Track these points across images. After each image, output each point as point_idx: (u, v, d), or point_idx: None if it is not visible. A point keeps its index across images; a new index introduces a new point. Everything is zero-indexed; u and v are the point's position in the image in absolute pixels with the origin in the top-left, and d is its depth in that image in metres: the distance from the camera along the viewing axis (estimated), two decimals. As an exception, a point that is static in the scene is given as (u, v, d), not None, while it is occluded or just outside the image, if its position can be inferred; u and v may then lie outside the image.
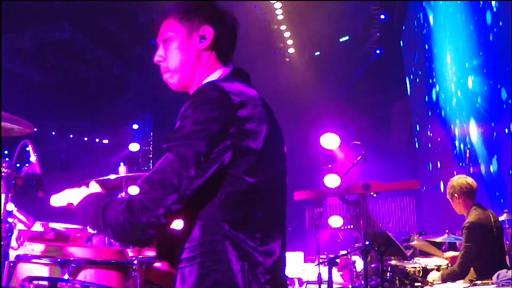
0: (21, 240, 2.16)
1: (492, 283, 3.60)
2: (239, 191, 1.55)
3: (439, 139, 9.63)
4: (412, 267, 4.60)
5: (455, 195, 4.36)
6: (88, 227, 1.66)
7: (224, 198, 1.54)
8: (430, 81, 9.93)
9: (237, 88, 1.60)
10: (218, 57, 1.77)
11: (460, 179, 4.39)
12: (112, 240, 1.62)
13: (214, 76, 1.75)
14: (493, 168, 6.43)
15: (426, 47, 9.92)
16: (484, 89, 6.55)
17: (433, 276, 4.34)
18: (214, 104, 1.52)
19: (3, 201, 1.99)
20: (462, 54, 7.53)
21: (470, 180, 4.39)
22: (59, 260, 1.91)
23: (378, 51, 12.23)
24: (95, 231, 1.66)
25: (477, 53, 6.75)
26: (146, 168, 12.08)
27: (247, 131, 1.54)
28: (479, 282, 3.75)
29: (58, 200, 1.72)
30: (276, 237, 1.63)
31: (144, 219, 1.48)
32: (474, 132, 7.14)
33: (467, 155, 5.81)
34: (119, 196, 3.25)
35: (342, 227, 4.79)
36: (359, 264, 5.27)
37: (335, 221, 5.34)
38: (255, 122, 1.57)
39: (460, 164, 7.85)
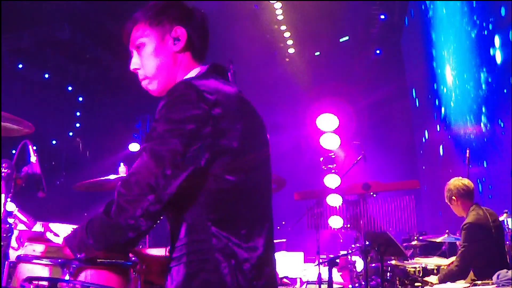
0: (22, 240, 2.16)
1: (492, 283, 3.61)
2: (221, 189, 1.55)
3: (439, 139, 9.63)
4: (412, 267, 4.60)
5: (453, 197, 4.36)
6: (77, 254, 1.64)
7: (207, 198, 1.53)
8: (430, 80, 9.93)
9: (212, 85, 1.59)
10: (193, 56, 1.76)
11: (456, 181, 4.39)
12: (96, 251, 1.61)
13: (191, 75, 1.73)
14: (493, 168, 6.43)
15: (426, 46, 9.92)
16: (484, 88, 6.55)
17: (431, 279, 4.34)
18: (189, 103, 1.51)
19: (3, 201, 1.99)
20: (462, 54, 7.53)
21: (466, 181, 4.39)
22: (59, 260, 1.91)
23: (378, 51, 12.23)
24: (82, 255, 1.64)
25: (477, 52, 6.75)
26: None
27: (223, 130, 1.53)
28: (479, 282, 3.75)
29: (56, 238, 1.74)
30: (260, 232, 1.63)
31: (122, 221, 1.47)
32: (474, 132, 7.14)
33: (467, 155, 5.81)
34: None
35: (342, 228, 4.79)
36: (359, 264, 5.26)
37: (335, 221, 5.34)
38: (230, 120, 1.56)
39: (463, 162, 7.86)
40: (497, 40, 5.94)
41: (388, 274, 4.62)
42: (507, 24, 5.51)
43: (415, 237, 5.45)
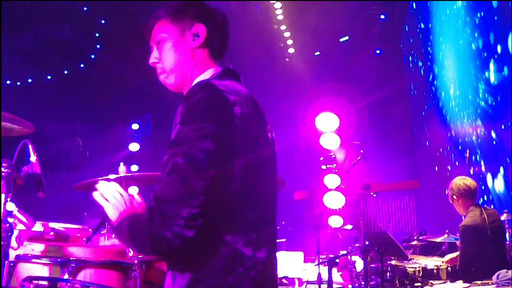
0: (21, 240, 2.16)
1: (492, 283, 3.61)
2: (230, 192, 1.53)
3: (439, 139, 9.63)
4: (412, 267, 4.60)
5: (454, 196, 4.37)
6: (129, 248, 1.64)
7: (214, 200, 1.49)
8: (430, 80, 9.93)
9: (230, 86, 1.60)
10: (211, 55, 1.78)
11: (458, 181, 4.40)
12: (138, 252, 1.59)
13: (206, 75, 1.74)
14: (493, 168, 6.43)
15: (426, 46, 9.92)
16: (483, 88, 6.55)
17: (449, 256, 4.38)
18: (212, 103, 1.51)
19: (3, 201, 1.99)
20: (462, 53, 7.53)
21: (468, 181, 4.40)
22: (59, 260, 1.91)
23: (378, 51, 12.23)
24: (132, 249, 1.63)
25: (477, 51, 6.74)
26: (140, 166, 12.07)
27: (242, 130, 1.53)
28: (479, 282, 3.75)
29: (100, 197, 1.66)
30: (266, 236, 1.62)
31: (167, 231, 1.43)
32: (474, 132, 7.13)
33: (467, 155, 5.81)
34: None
35: (342, 227, 4.79)
36: (359, 264, 5.26)
37: (335, 221, 5.34)
38: (247, 121, 1.56)
39: (458, 163, 7.85)
40: (497, 40, 5.94)
41: (388, 274, 4.62)
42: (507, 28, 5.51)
43: (415, 237, 5.45)
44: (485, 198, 6.65)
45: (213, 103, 1.52)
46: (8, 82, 10.24)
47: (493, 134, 6.27)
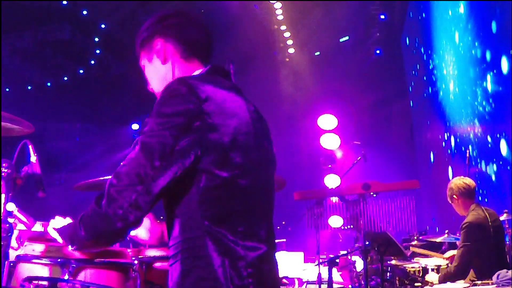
0: (21, 240, 2.16)
1: (492, 283, 3.61)
2: (214, 185, 1.56)
3: (439, 138, 9.63)
4: (412, 267, 4.60)
5: (454, 196, 4.38)
6: (70, 246, 1.68)
7: (200, 194, 1.55)
8: (430, 80, 9.92)
9: (206, 82, 1.62)
10: (186, 56, 1.81)
11: (458, 181, 4.41)
12: (86, 242, 1.63)
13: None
14: (493, 167, 6.43)
15: (426, 46, 9.92)
16: (483, 88, 6.55)
17: (431, 277, 4.34)
18: (180, 98, 1.55)
19: (3, 201, 1.99)
20: (462, 53, 7.53)
21: (468, 180, 4.41)
22: (59, 260, 1.91)
23: (378, 51, 12.23)
24: (75, 247, 1.68)
25: (477, 51, 6.75)
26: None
27: (214, 125, 1.55)
28: (479, 282, 3.75)
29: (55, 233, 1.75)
30: (260, 230, 1.64)
31: (110, 211, 1.50)
32: (474, 132, 7.13)
33: (467, 155, 5.82)
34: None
35: (342, 227, 4.79)
36: (359, 264, 5.26)
37: (335, 221, 5.35)
38: (222, 116, 1.58)
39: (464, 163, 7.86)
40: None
41: (388, 274, 4.61)
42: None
43: (415, 237, 5.45)
44: (484, 198, 6.66)
45: (182, 98, 1.56)
46: (8, 82, 10.24)
47: (493, 133, 6.27)
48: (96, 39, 10.83)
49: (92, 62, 11.55)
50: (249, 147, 1.64)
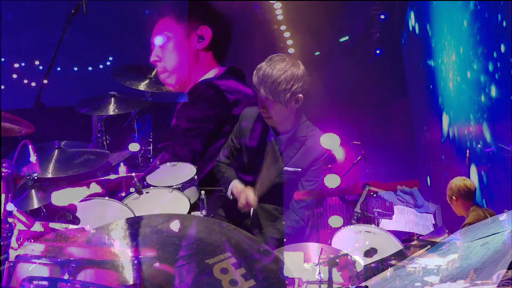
0: (21, 240, 2.16)
1: (492, 283, 3.60)
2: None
3: (439, 138, 9.64)
4: (412, 267, 4.59)
5: (453, 197, 4.38)
6: None
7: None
8: (430, 80, 9.93)
9: (232, 86, 1.63)
10: (215, 56, 1.80)
11: (457, 181, 4.42)
12: None
13: (210, 75, 1.78)
14: (493, 167, 6.43)
15: (426, 46, 9.93)
16: (483, 87, 6.56)
17: (431, 279, 4.34)
18: (209, 102, 1.55)
19: (3, 201, 1.99)
20: (463, 52, 7.53)
21: (468, 182, 4.41)
22: (59, 260, 1.91)
23: (378, 51, 12.22)
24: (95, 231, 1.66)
25: (478, 50, 6.75)
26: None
27: (242, 129, 1.56)
28: (479, 282, 3.75)
29: (60, 199, 1.72)
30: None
31: None
32: (474, 132, 7.13)
33: (467, 155, 5.82)
34: (119, 196, 3.24)
35: (342, 227, 4.78)
36: (359, 264, 5.26)
37: (335, 221, 5.34)
38: (250, 119, 1.59)
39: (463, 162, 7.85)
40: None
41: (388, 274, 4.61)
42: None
43: (415, 237, 5.44)
44: (484, 198, 6.65)
45: (211, 103, 1.56)
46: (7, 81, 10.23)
47: (494, 133, 6.27)
48: (96, 39, 10.82)
49: (92, 62, 11.53)
50: (264, 149, 1.66)
